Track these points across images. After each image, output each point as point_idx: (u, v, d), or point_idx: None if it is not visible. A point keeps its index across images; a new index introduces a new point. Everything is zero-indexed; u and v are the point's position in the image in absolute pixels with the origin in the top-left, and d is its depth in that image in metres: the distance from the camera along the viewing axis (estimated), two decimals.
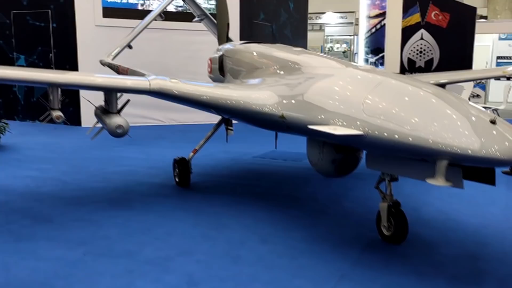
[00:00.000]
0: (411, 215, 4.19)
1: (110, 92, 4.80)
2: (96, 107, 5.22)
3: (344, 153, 4.64)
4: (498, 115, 10.72)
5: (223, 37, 6.75)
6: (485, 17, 20.66)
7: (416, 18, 11.56)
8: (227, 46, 6.26)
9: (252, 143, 8.90)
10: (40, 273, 3.33)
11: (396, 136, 3.15)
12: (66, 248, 3.79)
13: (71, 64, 10.56)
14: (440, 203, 5.07)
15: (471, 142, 2.86)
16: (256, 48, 5.69)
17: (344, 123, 3.51)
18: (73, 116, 10.62)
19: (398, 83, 3.55)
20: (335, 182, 5.96)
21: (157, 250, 3.76)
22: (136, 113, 10.95)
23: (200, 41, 10.78)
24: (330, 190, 5.62)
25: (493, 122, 2.95)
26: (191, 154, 5.78)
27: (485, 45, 18.51)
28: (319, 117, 3.78)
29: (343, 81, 3.94)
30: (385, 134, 3.21)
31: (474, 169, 3.31)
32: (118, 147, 8.31)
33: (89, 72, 6.07)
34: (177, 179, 5.77)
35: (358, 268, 3.48)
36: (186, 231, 4.20)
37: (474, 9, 12.29)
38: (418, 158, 3.35)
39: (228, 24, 6.87)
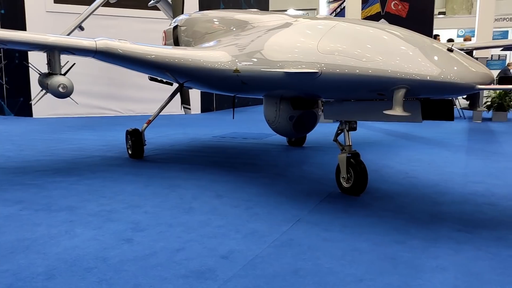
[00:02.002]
0: (371, 175, 4.09)
1: (53, 52, 4.50)
2: (40, 73, 4.91)
3: (301, 109, 4.52)
4: (459, 103, 10.79)
5: (178, 11, 6.56)
6: (444, 13, 21.21)
7: (376, 8, 11.63)
8: (181, 16, 6.06)
9: (212, 127, 8.70)
10: None
11: (354, 70, 3.01)
12: (2, 205, 3.47)
13: (21, 52, 10.09)
14: (400, 166, 4.98)
15: (429, 69, 2.77)
16: (210, 13, 5.53)
17: (302, 65, 3.36)
18: (23, 107, 10.15)
19: (352, 24, 3.44)
20: (295, 152, 5.82)
21: (102, 205, 3.49)
22: (93, 103, 10.64)
23: (158, 29, 10.48)
24: (289, 158, 5.46)
25: (450, 50, 2.89)
26: (145, 125, 5.53)
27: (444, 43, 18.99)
28: (274, 65, 3.62)
29: (298, 29, 3.80)
30: (342, 69, 3.07)
31: (433, 106, 3.22)
32: (70, 131, 7.97)
33: (38, 63, 5.60)
34: (130, 152, 5.50)
35: (316, 214, 3.31)
36: (136, 191, 3.94)
37: None
38: (375, 97, 3.23)
39: None
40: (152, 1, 8.60)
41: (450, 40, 18.24)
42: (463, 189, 4.00)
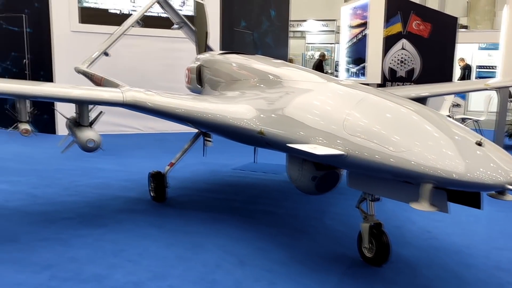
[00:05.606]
0: (393, 234, 4.07)
1: (82, 104, 4.58)
2: (67, 118, 5.01)
3: (324, 170, 4.52)
4: (479, 125, 10.59)
5: (202, 46, 6.60)
6: (466, 27, 20.89)
7: (397, 27, 11.53)
8: (205, 55, 6.10)
9: (231, 154, 8.72)
10: None
11: (378, 157, 3.01)
12: (31, 271, 3.56)
13: (46, 70, 10.26)
14: (422, 221, 4.96)
15: (456, 165, 2.71)
16: (235, 59, 5.55)
17: (325, 141, 3.37)
18: (48, 124, 10.30)
19: (380, 100, 3.42)
20: (316, 198, 5.82)
21: (128, 275, 3.55)
22: (113, 121, 10.69)
23: (180, 49, 10.58)
24: (310, 206, 5.47)
25: (479, 144, 2.82)
26: (167, 167, 5.58)
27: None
28: (299, 134, 3.64)
29: (325, 96, 3.81)
30: (367, 154, 3.08)
31: (460, 192, 3.20)
32: (94, 158, 7.99)
33: (64, 82, 5.74)
34: (152, 194, 5.57)
35: None
36: (159, 252, 4.01)
37: (455, 19, 12.32)
38: (401, 180, 3.22)
39: (207, 33, 6.72)
40: (174, 26, 8.64)
41: (462, 60, 17.89)
42: (486, 259, 3.99)
